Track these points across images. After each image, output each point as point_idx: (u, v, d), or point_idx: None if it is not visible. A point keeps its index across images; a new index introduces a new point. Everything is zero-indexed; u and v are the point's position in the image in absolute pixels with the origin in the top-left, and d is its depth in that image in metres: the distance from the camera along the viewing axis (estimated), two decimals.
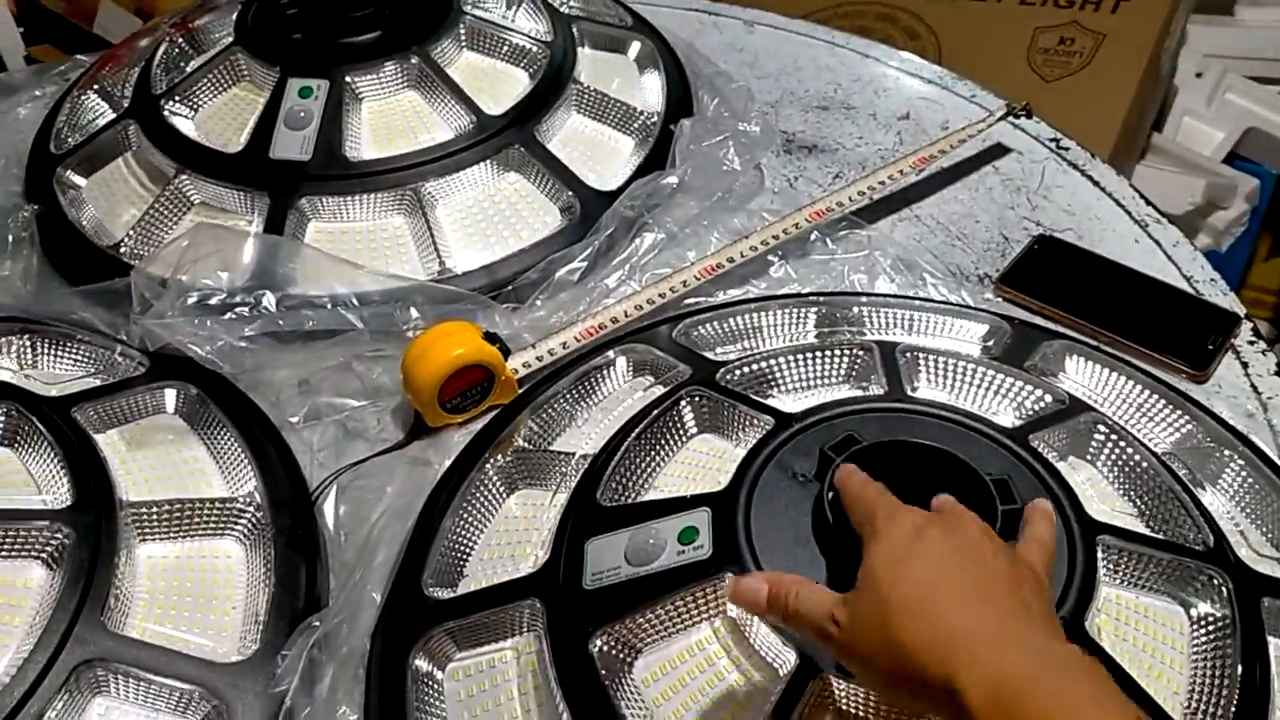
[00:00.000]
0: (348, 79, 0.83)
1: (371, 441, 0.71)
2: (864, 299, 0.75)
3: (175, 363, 0.71)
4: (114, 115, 0.91)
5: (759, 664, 0.50)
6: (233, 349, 0.72)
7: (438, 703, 0.55)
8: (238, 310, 0.72)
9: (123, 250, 0.81)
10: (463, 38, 0.88)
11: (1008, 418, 0.62)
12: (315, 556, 0.62)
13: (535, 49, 0.89)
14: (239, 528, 0.63)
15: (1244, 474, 0.63)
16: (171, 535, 0.62)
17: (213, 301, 0.72)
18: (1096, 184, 0.90)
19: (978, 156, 0.92)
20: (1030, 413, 0.62)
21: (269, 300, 0.72)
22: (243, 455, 0.66)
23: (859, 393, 0.63)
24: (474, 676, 0.56)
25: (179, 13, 0.98)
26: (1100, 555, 0.52)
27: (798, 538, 0.52)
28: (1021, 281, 0.79)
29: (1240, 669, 0.50)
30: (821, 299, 0.75)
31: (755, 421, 0.60)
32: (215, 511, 0.62)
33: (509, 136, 0.83)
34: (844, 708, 0.48)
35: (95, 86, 0.95)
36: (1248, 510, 0.62)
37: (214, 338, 0.71)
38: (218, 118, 0.86)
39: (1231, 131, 1.69)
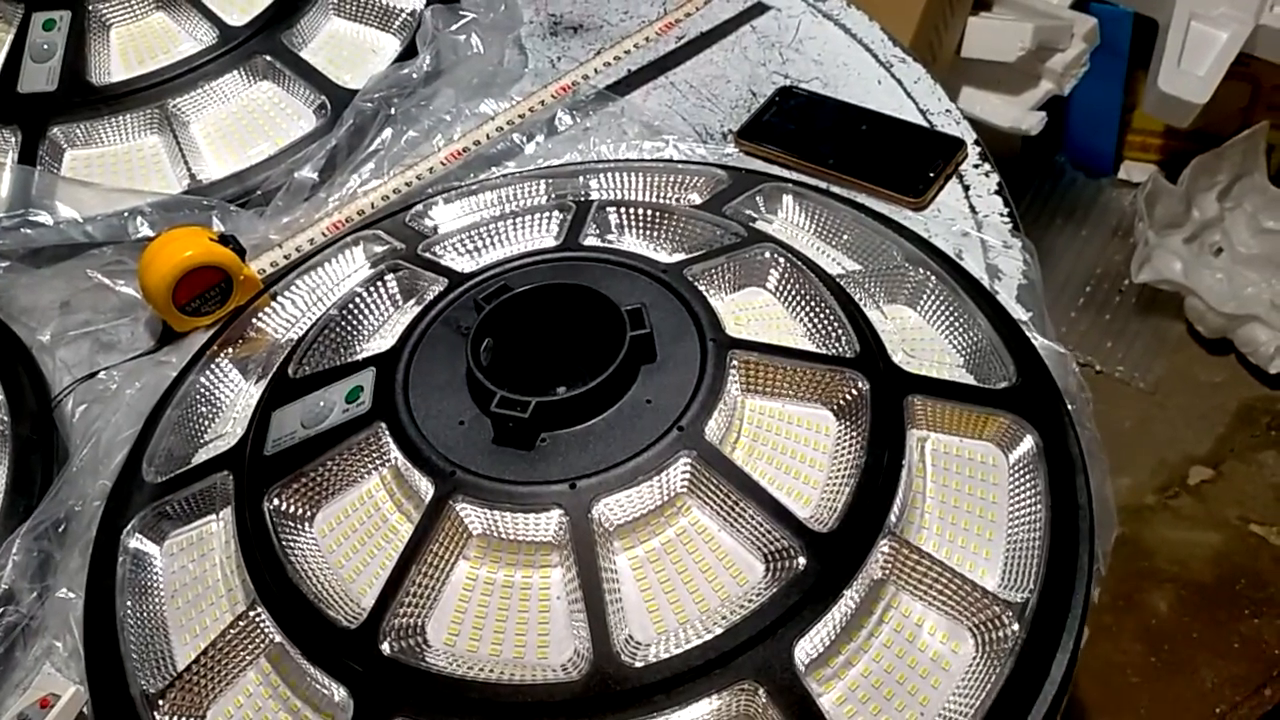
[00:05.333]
0: (90, 7, 0.84)
1: (124, 352, 0.74)
2: (595, 166, 0.77)
3: None
4: None
5: (417, 502, 0.54)
6: None
7: (150, 576, 0.59)
8: None
9: None
10: None
11: (675, 256, 0.65)
12: (50, 460, 0.65)
13: None
14: None
15: (937, 290, 0.66)
16: None
17: None
18: (848, 31, 0.91)
19: (738, 18, 0.94)
20: (700, 248, 0.64)
21: None
22: None
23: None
24: (186, 549, 0.59)
25: None
26: (735, 369, 0.55)
27: (451, 384, 0.56)
28: (758, 133, 0.82)
29: (866, 458, 0.53)
30: (549, 171, 0.77)
31: (435, 284, 0.63)
32: None
33: (255, 46, 0.85)
34: (475, 530, 0.52)
35: None
36: (935, 322, 0.66)
37: None
38: None
39: None
